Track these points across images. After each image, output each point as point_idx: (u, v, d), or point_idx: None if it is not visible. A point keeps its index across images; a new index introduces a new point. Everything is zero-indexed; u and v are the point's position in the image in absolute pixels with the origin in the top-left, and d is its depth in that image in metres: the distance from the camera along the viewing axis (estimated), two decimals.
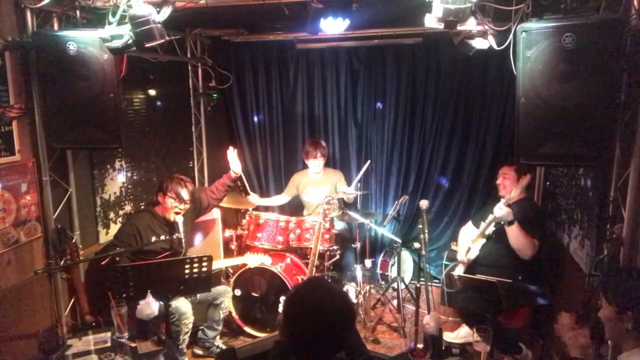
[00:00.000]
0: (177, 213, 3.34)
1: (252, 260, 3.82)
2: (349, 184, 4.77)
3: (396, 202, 4.72)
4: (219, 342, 3.75)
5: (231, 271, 4.27)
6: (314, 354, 1.56)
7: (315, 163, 4.54)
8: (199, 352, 3.70)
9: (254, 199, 4.69)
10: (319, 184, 4.64)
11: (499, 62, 4.26)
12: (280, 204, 4.92)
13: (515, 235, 3.25)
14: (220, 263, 3.87)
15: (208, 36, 4.77)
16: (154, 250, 3.28)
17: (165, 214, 3.38)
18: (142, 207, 3.61)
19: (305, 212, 4.77)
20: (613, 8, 2.30)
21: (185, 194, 3.34)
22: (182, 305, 3.27)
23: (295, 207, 5.00)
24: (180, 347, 3.31)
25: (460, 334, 3.74)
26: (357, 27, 3.94)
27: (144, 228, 3.27)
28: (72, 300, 3.25)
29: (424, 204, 3.46)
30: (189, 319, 3.29)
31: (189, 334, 3.39)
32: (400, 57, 4.81)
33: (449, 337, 3.73)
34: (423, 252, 3.69)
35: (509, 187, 3.45)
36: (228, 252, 4.30)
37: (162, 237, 3.33)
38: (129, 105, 3.90)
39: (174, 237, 3.36)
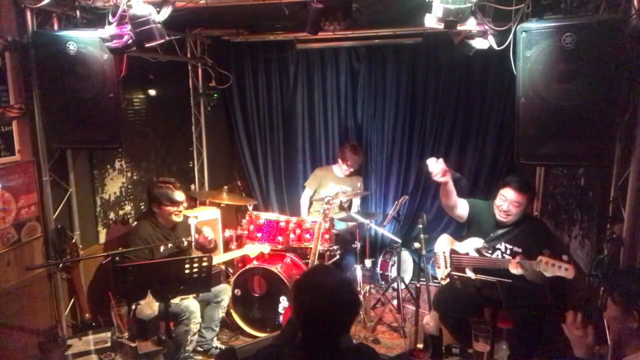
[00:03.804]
0: (177, 215, 3.36)
1: (252, 249, 3.89)
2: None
3: (396, 202, 4.72)
4: (216, 343, 3.74)
5: (231, 271, 4.27)
6: (320, 334, 1.67)
7: (347, 169, 4.65)
8: (197, 356, 3.67)
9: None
10: (341, 182, 4.71)
11: (499, 62, 4.25)
12: (307, 199, 4.91)
13: (530, 275, 3.03)
14: (220, 257, 3.88)
15: (208, 36, 4.77)
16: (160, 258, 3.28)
17: (166, 222, 3.40)
18: (141, 217, 3.58)
19: (317, 206, 4.75)
20: (613, 8, 2.30)
21: (178, 195, 3.33)
22: (192, 304, 3.27)
23: (295, 207, 5.00)
24: (187, 347, 3.32)
25: None
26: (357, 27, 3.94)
27: (151, 238, 3.28)
28: (72, 300, 3.26)
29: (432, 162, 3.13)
30: (197, 319, 3.30)
31: (196, 335, 3.39)
32: (400, 57, 4.81)
33: None
34: (423, 252, 3.69)
35: (517, 216, 3.15)
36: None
37: (170, 245, 3.35)
38: (129, 105, 3.90)
39: (185, 240, 3.38)
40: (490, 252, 3.24)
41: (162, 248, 3.32)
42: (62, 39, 2.73)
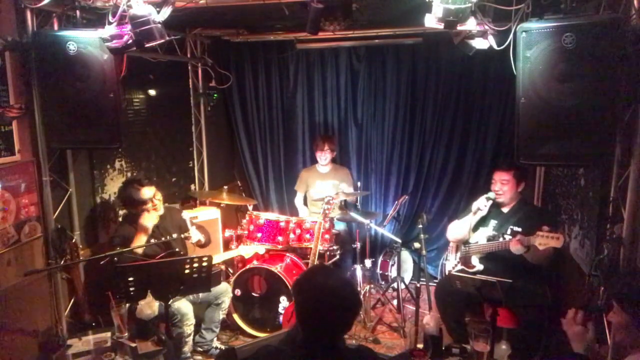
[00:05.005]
0: (155, 210, 3.32)
1: (246, 250, 3.89)
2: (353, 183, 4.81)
3: (396, 202, 4.72)
4: (217, 344, 3.74)
5: (231, 271, 4.27)
6: (321, 334, 1.67)
7: (323, 156, 4.63)
8: (197, 357, 3.67)
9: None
10: (327, 178, 4.70)
11: (499, 62, 4.26)
12: (301, 201, 4.96)
13: (532, 257, 3.12)
14: (216, 258, 3.87)
15: (208, 36, 4.77)
16: (151, 255, 3.24)
17: (149, 220, 3.31)
18: (123, 218, 3.56)
19: (312, 208, 4.76)
20: (613, 8, 2.30)
21: (145, 192, 3.26)
22: (184, 306, 3.27)
23: (295, 207, 4.99)
24: (183, 349, 3.31)
25: None
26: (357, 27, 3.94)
27: (131, 237, 3.23)
28: (72, 300, 3.26)
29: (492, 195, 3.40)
30: (190, 320, 3.29)
31: (191, 336, 3.38)
32: (400, 57, 4.81)
33: None
34: (423, 252, 3.69)
35: (509, 193, 3.35)
36: None
37: (152, 241, 3.27)
38: (129, 105, 3.91)
39: (182, 236, 3.37)
40: (499, 238, 3.34)
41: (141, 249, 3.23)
42: (62, 39, 2.73)
